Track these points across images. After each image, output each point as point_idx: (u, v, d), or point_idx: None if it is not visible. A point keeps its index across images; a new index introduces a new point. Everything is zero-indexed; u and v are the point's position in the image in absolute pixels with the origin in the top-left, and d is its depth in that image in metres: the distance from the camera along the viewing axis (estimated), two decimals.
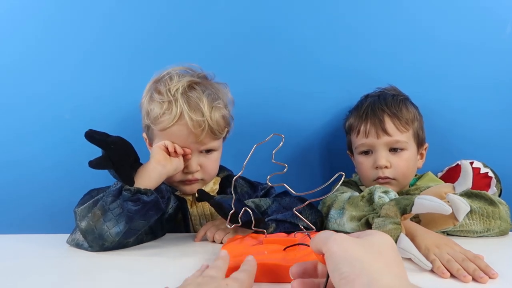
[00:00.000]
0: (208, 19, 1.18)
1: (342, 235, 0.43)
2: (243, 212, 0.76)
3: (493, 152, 1.18)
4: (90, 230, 0.80)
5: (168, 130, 0.91)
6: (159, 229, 0.91)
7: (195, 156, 0.95)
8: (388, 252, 0.41)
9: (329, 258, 0.41)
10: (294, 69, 1.20)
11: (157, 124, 0.92)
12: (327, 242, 0.42)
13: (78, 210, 0.83)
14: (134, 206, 0.79)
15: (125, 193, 0.80)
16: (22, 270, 0.72)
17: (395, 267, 0.40)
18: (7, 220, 1.18)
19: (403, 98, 1.10)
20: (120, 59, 1.18)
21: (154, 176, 0.85)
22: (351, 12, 1.19)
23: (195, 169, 0.95)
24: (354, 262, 0.39)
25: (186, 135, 0.91)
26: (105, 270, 0.72)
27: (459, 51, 1.19)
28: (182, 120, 0.90)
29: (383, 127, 1.02)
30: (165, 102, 0.91)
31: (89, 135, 0.80)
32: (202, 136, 0.92)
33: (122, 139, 0.84)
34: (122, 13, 1.17)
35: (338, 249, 0.41)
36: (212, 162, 0.98)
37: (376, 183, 1.03)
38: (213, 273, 0.54)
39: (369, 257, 0.40)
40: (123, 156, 0.82)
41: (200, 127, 0.91)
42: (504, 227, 0.87)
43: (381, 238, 0.43)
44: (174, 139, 0.92)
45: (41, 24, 1.16)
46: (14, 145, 1.18)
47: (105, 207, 0.80)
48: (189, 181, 0.96)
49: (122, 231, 0.79)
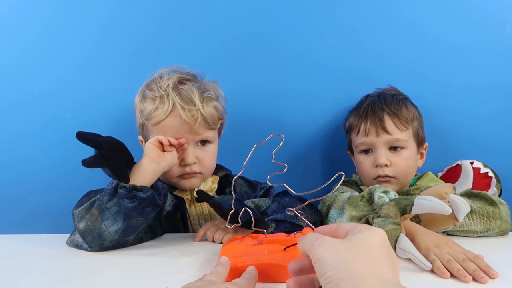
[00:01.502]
0: (208, 20, 1.18)
1: (326, 238, 0.43)
2: (242, 212, 0.76)
3: (493, 152, 1.18)
4: (88, 230, 0.80)
5: (162, 123, 0.93)
6: (158, 227, 0.91)
7: (191, 148, 0.96)
8: (375, 250, 0.41)
9: (315, 263, 0.42)
10: (294, 70, 1.20)
11: (151, 119, 0.94)
12: (312, 248, 0.42)
13: (76, 212, 0.83)
14: (130, 203, 0.79)
15: (121, 190, 0.79)
16: (22, 270, 0.72)
17: (383, 266, 0.40)
18: (7, 220, 1.18)
19: (402, 97, 1.10)
20: (120, 59, 1.18)
21: (148, 174, 0.85)
22: (351, 13, 1.19)
23: (192, 160, 0.95)
24: (338, 265, 0.39)
25: (180, 126, 0.93)
26: (105, 270, 0.72)
27: (458, 52, 1.19)
28: (175, 112, 0.93)
29: (383, 125, 1.03)
30: (157, 97, 0.94)
31: (81, 135, 0.81)
32: (195, 126, 0.93)
33: (114, 139, 0.85)
34: (122, 13, 1.17)
35: (323, 253, 0.41)
36: (208, 154, 0.98)
37: (376, 182, 1.03)
38: (212, 278, 0.54)
39: (353, 259, 0.39)
40: (117, 154, 0.83)
41: (193, 117, 0.93)
42: (504, 227, 0.87)
43: (368, 235, 0.42)
44: (168, 132, 0.93)
45: (41, 24, 1.16)
46: (14, 145, 1.18)
47: (102, 206, 0.80)
48: (187, 174, 0.96)
49: (120, 229, 0.79)
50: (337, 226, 0.47)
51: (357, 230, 0.43)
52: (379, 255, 0.41)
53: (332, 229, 0.47)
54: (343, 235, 0.45)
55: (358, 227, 0.44)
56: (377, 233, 0.43)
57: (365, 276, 0.38)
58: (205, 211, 1.01)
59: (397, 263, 0.42)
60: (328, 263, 0.40)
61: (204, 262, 0.73)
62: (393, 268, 0.40)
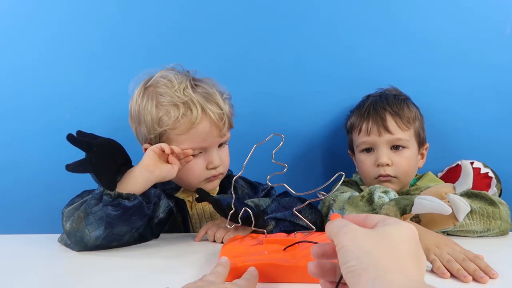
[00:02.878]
0: (209, 21, 1.18)
1: (354, 227, 0.42)
2: (242, 212, 0.76)
3: (493, 153, 1.18)
4: (72, 232, 0.79)
5: (193, 131, 0.90)
6: (149, 234, 0.88)
7: (215, 150, 0.94)
8: (402, 245, 0.40)
9: (339, 251, 0.41)
10: (295, 70, 1.20)
11: (177, 127, 0.90)
12: (338, 234, 0.41)
13: (65, 211, 0.82)
14: (114, 211, 0.77)
15: (106, 197, 0.78)
16: (21, 270, 0.72)
17: (408, 262, 0.39)
18: (7, 221, 1.18)
19: (404, 97, 1.11)
20: (121, 60, 1.18)
21: (140, 181, 0.83)
22: (351, 13, 1.19)
23: (219, 163, 0.94)
24: (362, 256, 0.38)
25: (209, 131, 0.91)
26: (105, 270, 0.72)
27: (459, 52, 1.19)
28: (206, 117, 0.90)
29: (384, 125, 1.03)
30: (180, 103, 0.89)
31: (70, 137, 0.80)
32: (224, 129, 0.93)
33: (110, 142, 0.83)
34: (125, 15, 1.17)
35: (348, 242, 0.40)
36: (226, 154, 0.98)
37: (377, 181, 1.03)
38: (212, 278, 0.54)
39: (378, 251, 0.39)
40: (107, 159, 0.80)
41: (222, 120, 0.92)
42: (504, 227, 0.87)
43: (398, 229, 0.41)
44: (197, 138, 0.90)
45: (42, 26, 1.17)
46: (13, 145, 1.18)
47: (87, 210, 0.78)
48: (213, 177, 0.95)
49: (101, 236, 0.78)
50: (366, 216, 0.46)
51: (387, 222, 0.43)
52: (406, 251, 0.40)
53: (361, 219, 0.46)
54: (372, 226, 0.44)
55: (388, 219, 0.43)
56: (407, 228, 0.42)
57: (389, 269, 0.37)
58: (206, 213, 1.01)
59: (424, 261, 0.41)
60: (353, 251, 0.39)
61: (204, 262, 0.73)
62: (419, 266, 0.39)
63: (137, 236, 0.85)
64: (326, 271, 0.47)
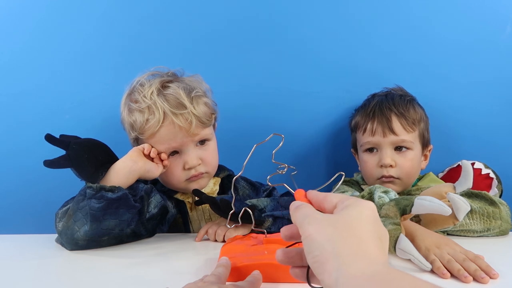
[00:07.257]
0: (207, 19, 1.18)
1: (316, 215, 0.42)
2: (243, 212, 0.76)
3: (494, 153, 1.18)
4: (64, 230, 0.80)
5: (157, 135, 0.90)
6: (142, 230, 0.89)
7: (192, 150, 0.93)
8: (362, 228, 0.40)
9: (304, 240, 0.41)
10: (296, 69, 1.20)
11: (145, 132, 0.91)
12: (303, 224, 0.42)
13: (59, 213, 0.84)
14: (97, 204, 0.78)
15: (88, 190, 0.79)
16: (21, 270, 0.72)
17: (370, 245, 0.39)
18: (7, 221, 1.18)
19: (410, 98, 1.10)
20: (120, 59, 1.17)
21: (123, 173, 0.84)
22: (353, 12, 1.18)
23: (196, 162, 0.93)
24: (325, 244, 0.39)
25: (176, 133, 0.91)
26: (105, 270, 0.72)
27: (459, 52, 1.18)
28: (167, 120, 0.90)
29: (390, 126, 1.03)
30: (145, 108, 0.90)
31: (48, 137, 0.82)
32: (192, 129, 0.91)
33: (91, 140, 0.85)
34: (122, 14, 1.17)
35: (312, 231, 0.40)
36: (210, 152, 0.97)
37: (379, 182, 1.03)
38: (213, 279, 0.54)
39: (340, 237, 0.39)
40: (87, 154, 0.82)
41: (187, 120, 0.90)
42: (505, 227, 0.87)
43: (357, 211, 0.41)
44: (166, 141, 0.91)
45: (41, 23, 1.16)
46: (13, 145, 1.18)
47: (75, 207, 0.80)
48: (194, 176, 0.95)
49: (88, 230, 0.79)
50: (325, 197, 0.45)
51: (346, 204, 0.42)
52: (367, 232, 0.40)
53: (320, 198, 0.46)
54: (331, 208, 0.44)
55: (346, 200, 0.43)
56: (366, 208, 0.42)
57: (351, 256, 0.37)
58: (206, 214, 1.00)
59: (386, 239, 0.41)
60: (316, 240, 0.39)
61: (204, 262, 0.73)
62: (381, 246, 0.40)
63: (130, 232, 0.85)
64: (292, 257, 0.48)
